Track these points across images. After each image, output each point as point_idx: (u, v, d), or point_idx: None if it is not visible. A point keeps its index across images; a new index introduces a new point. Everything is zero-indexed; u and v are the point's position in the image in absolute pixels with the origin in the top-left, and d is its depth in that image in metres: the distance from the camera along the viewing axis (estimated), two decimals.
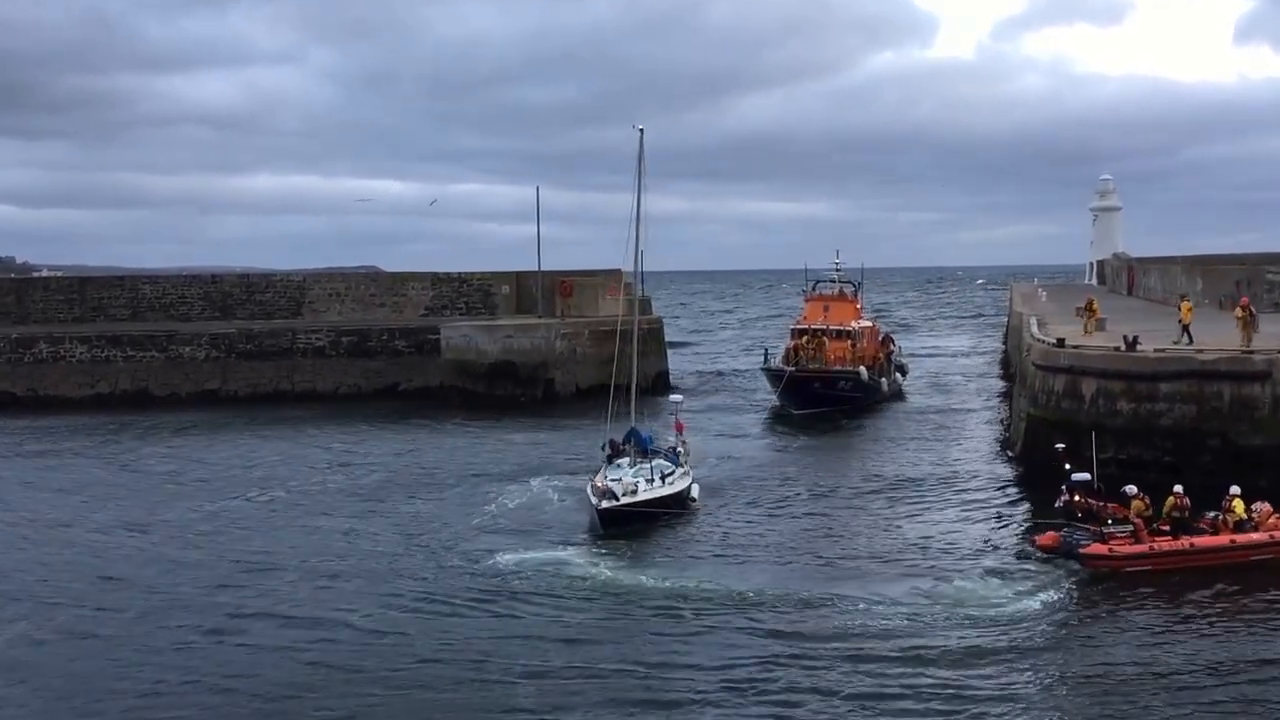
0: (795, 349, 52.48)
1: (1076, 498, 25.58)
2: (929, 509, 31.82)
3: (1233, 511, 25.46)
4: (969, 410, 52.93)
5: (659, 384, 61.57)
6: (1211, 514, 25.54)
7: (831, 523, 30.31)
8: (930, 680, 18.78)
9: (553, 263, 68.01)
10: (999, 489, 34.40)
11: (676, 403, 35.22)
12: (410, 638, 21.50)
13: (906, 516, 30.91)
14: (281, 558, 27.51)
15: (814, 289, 59.13)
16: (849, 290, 58.45)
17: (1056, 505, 25.99)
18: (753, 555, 26.95)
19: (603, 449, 33.21)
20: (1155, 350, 33.13)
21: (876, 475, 36.73)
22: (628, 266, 36.64)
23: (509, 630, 21.77)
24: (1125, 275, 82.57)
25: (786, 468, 38.65)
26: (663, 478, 30.80)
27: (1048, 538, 25.76)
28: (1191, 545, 24.85)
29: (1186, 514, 25.46)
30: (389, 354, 60.86)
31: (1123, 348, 33.54)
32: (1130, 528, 25.07)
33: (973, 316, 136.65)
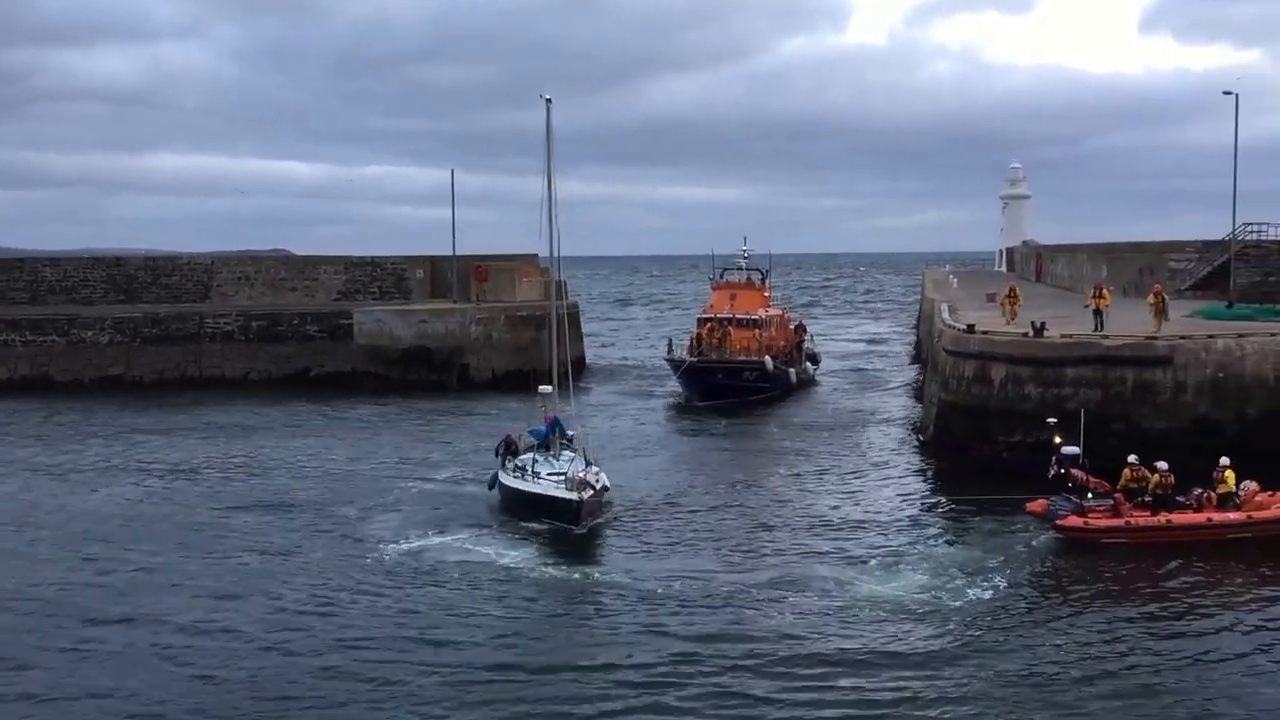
0: (700, 338, 51.86)
1: (1065, 470, 26.32)
2: (840, 496, 31.79)
3: (1225, 483, 26.01)
4: (881, 397, 53.39)
5: (576, 370, 61.26)
6: (1198, 490, 26.06)
7: (737, 515, 29.67)
8: (848, 675, 18.37)
9: (468, 247, 67.17)
10: (910, 474, 34.77)
11: (546, 395, 32.77)
12: (311, 630, 20.93)
13: (815, 505, 30.69)
14: (177, 551, 26.54)
15: (721, 277, 58.70)
16: (756, 278, 58.07)
17: (1049, 476, 26.61)
18: (663, 549, 26.20)
19: (497, 451, 31.18)
20: (1062, 336, 33.76)
21: (785, 465, 36.44)
22: (544, 251, 35.48)
23: (413, 621, 21.29)
24: (1034, 262, 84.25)
25: (690, 460, 38.02)
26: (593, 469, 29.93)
27: (1036, 505, 26.51)
28: (1168, 521, 25.38)
29: (1169, 491, 26.00)
30: (300, 339, 59.74)
31: (1031, 334, 34.14)
32: (1110, 501, 25.75)
33: (886, 303, 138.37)
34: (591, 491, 27.24)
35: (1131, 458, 26.65)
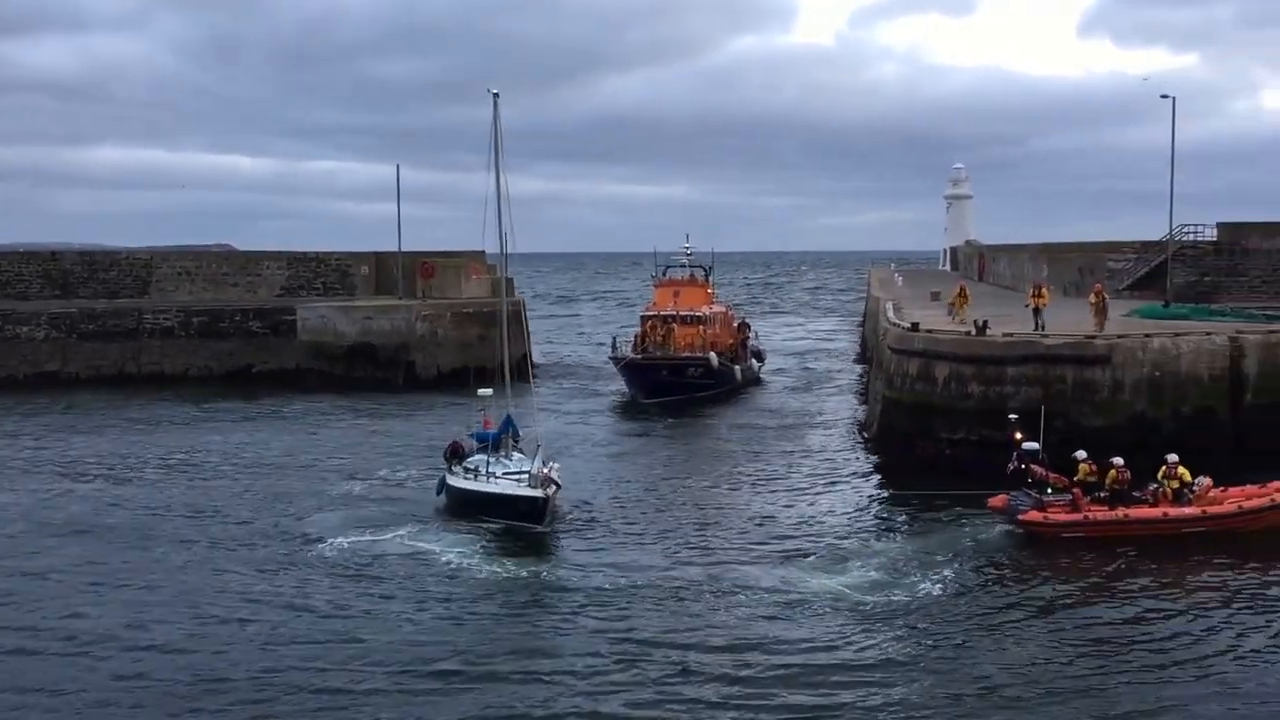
0: (644, 336, 51.71)
1: (1025, 465, 26.71)
2: (787, 494, 31.88)
3: (1177, 478, 26.43)
4: (826, 394, 53.70)
5: (522, 366, 60.99)
6: (1153, 486, 26.51)
7: (685, 513, 29.47)
8: (797, 674, 18.30)
9: (414, 243, 66.92)
10: (856, 471, 34.99)
11: (485, 398, 31.68)
12: (244, 633, 20.53)
13: (763, 503, 30.73)
14: (104, 552, 25.98)
15: (664, 274, 58.52)
16: (700, 275, 57.97)
17: (1008, 471, 26.95)
18: (609, 548, 25.92)
19: (445, 456, 30.57)
20: (1004, 335, 34.17)
21: (732, 462, 36.48)
22: (491, 247, 35.05)
23: (352, 622, 20.93)
24: (977, 262, 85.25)
25: (637, 458, 37.85)
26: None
27: (997, 500, 26.89)
28: (1125, 516, 25.81)
29: (1126, 487, 26.42)
30: (242, 335, 59.01)
31: (973, 332, 34.53)
32: (1069, 496, 26.16)
33: (832, 301, 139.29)
34: (556, 488, 27.06)
35: (1080, 453, 27.08)
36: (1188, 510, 25.94)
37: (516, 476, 27.69)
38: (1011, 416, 28.42)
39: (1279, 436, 31.20)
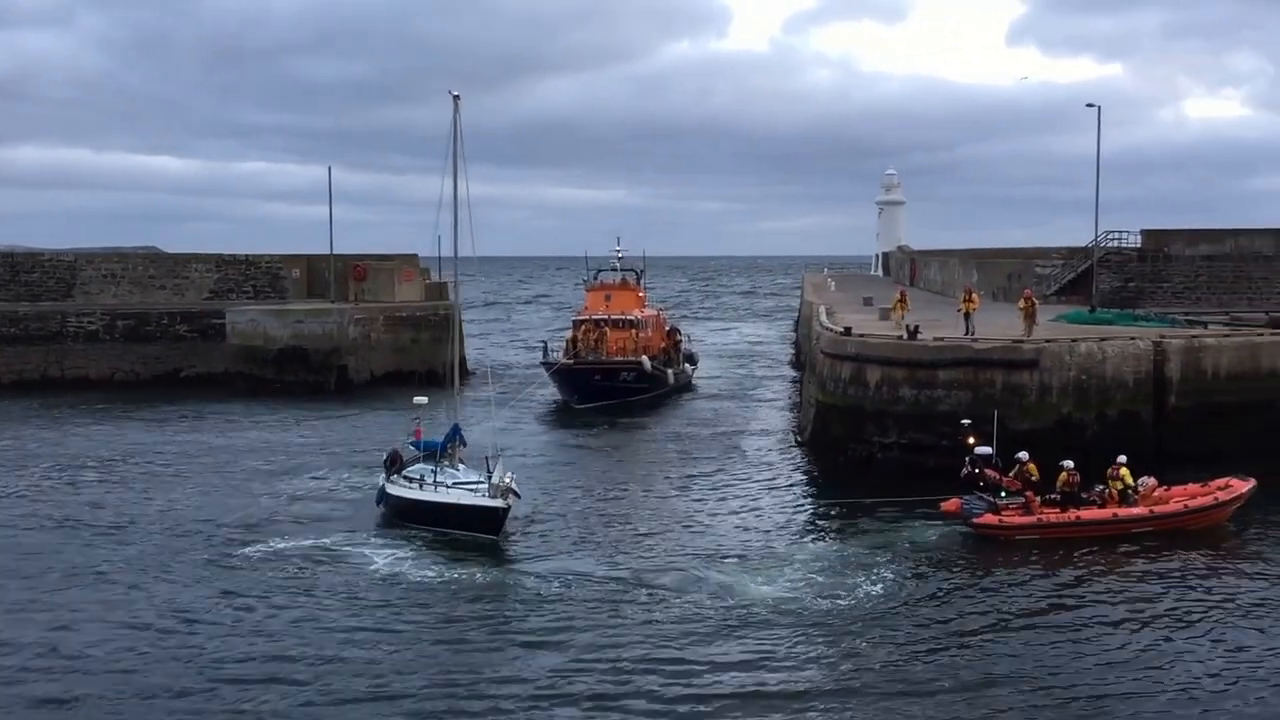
0: (576, 340, 51.40)
1: (978, 469, 27.15)
2: (723, 499, 31.82)
3: (1120, 479, 27.07)
4: (760, 398, 53.94)
5: (459, 372, 60.65)
6: (1100, 488, 27.15)
7: (620, 519, 29.20)
8: (737, 681, 18.27)
9: (346, 246, 66.16)
10: (791, 475, 35.16)
11: (420, 405, 31.24)
12: (168, 648, 19.95)
13: (699, 508, 30.60)
14: (19, 564, 25.17)
15: (595, 278, 58.25)
16: (631, 278, 57.82)
17: (962, 475, 27.38)
18: (544, 555, 25.58)
19: (385, 462, 30.04)
20: (935, 339, 34.59)
21: (667, 467, 36.38)
22: (425, 251, 34.63)
23: (282, 634, 20.52)
24: (909, 267, 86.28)
25: (571, 464, 37.56)
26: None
27: (951, 504, 27.22)
28: (1077, 518, 26.43)
29: (1077, 489, 27.04)
30: (169, 338, 57.90)
31: (905, 336, 34.91)
32: (1022, 499, 26.64)
33: (767, 306, 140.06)
34: (516, 498, 26.63)
35: (1021, 454, 27.57)
36: (1136, 511, 26.63)
37: (470, 486, 27.20)
38: (965, 422, 28.78)
39: (1200, 439, 32.01)
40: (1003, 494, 26.83)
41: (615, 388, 48.61)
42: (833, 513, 29.27)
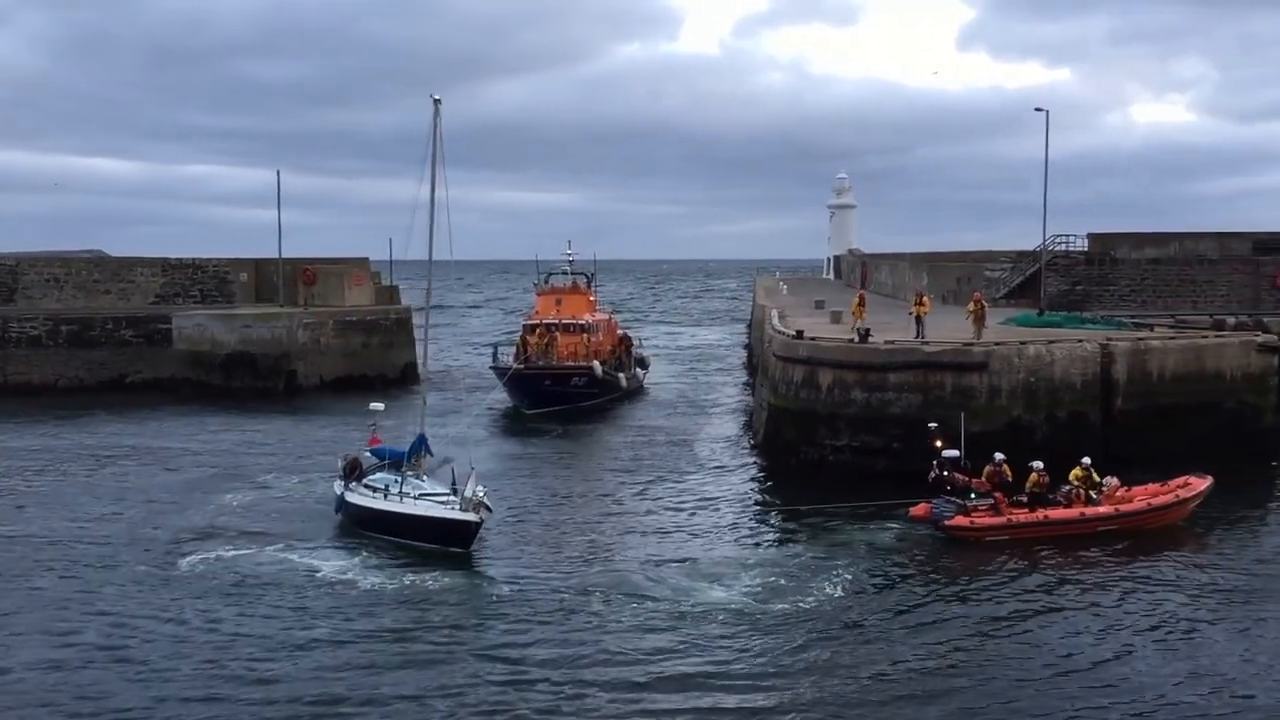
0: (526, 344, 50.78)
1: (946, 472, 27.32)
2: (677, 504, 31.54)
3: (1086, 479, 27.56)
4: (713, 402, 53.87)
5: (408, 375, 60.29)
6: (1066, 488, 27.53)
7: (574, 526, 29.02)
8: (694, 689, 18.14)
9: (295, 249, 65.12)
10: (743, 479, 35.14)
11: (377, 412, 30.61)
12: (116, 652, 19.69)
13: (653, 513, 30.35)
14: None
15: (546, 282, 57.75)
16: (582, 282, 57.41)
17: (930, 479, 27.51)
18: (497, 562, 25.27)
19: (344, 470, 29.47)
20: (886, 342, 34.78)
21: (620, 473, 36.05)
22: (375, 255, 34.14)
23: (227, 646, 20.09)
24: (860, 270, 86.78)
25: (522, 471, 36.82)
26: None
27: (920, 509, 27.34)
28: (1045, 517, 26.80)
29: (1045, 490, 27.41)
30: (115, 344, 56.96)
31: (856, 340, 35.06)
32: (991, 500, 26.89)
33: (719, 309, 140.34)
34: (489, 512, 26.08)
35: (997, 455, 27.86)
36: (1102, 510, 27.13)
37: (439, 498, 26.64)
38: (932, 425, 28.90)
39: (1146, 440, 32.43)
40: (972, 495, 27.07)
41: (566, 393, 48.10)
42: (790, 517, 29.20)
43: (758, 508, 31.14)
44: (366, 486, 28.26)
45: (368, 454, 30.20)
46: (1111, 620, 21.27)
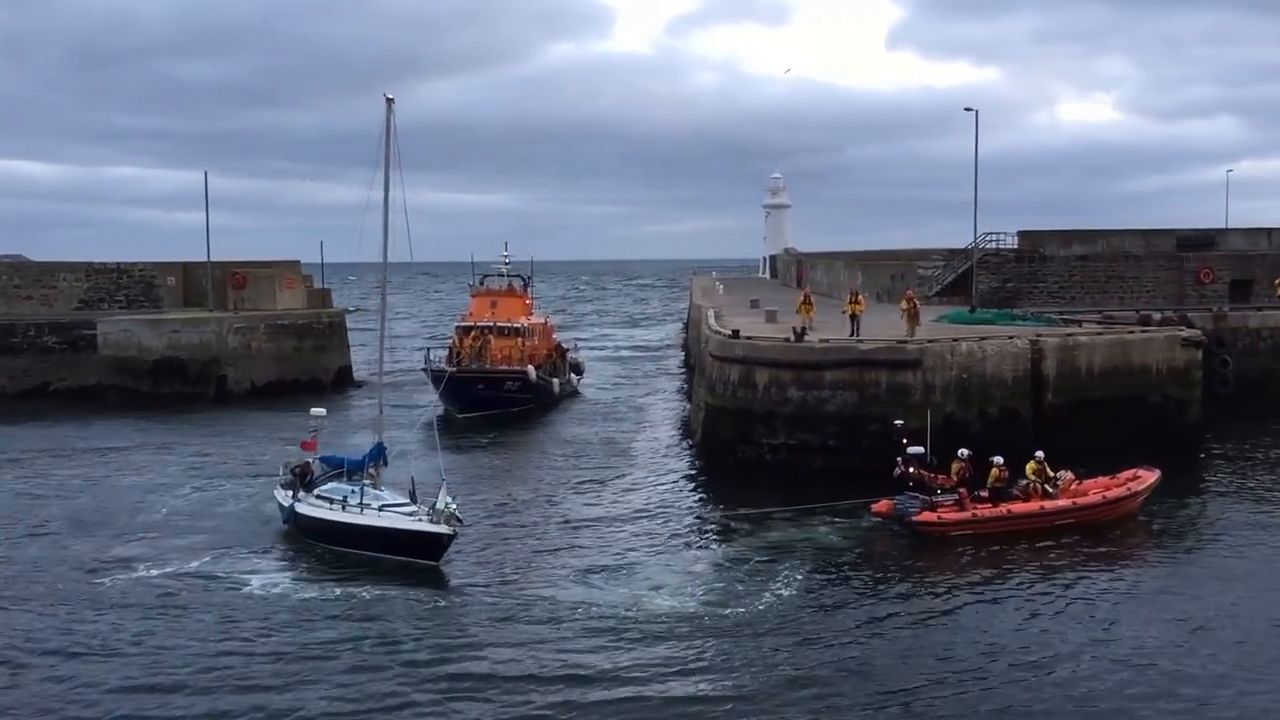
0: (459, 347, 50.21)
1: (911, 469, 27.54)
2: (614, 509, 31.14)
3: (1042, 473, 28.16)
4: (650, 404, 53.70)
5: (342, 379, 59.54)
6: (1023, 482, 28.01)
7: (511, 533, 28.43)
8: (642, 699, 17.78)
9: (224, 253, 64.00)
10: (681, 480, 35.03)
11: (319, 418, 29.40)
12: (34, 673, 19.05)
13: (591, 520, 29.74)
14: None
15: (481, 283, 57.13)
16: (518, 285, 56.81)
17: (894, 475, 27.73)
18: (431, 570, 24.57)
19: (292, 473, 28.62)
20: (821, 341, 34.93)
21: (558, 478, 35.54)
22: (307, 257, 33.44)
23: (156, 659, 19.59)
24: (795, 270, 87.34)
25: (457, 476, 34.17)
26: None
27: (881, 505, 27.61)
28: (1009, 512, 27.34)
29: (1005, 484, 27.89)
30: (36, 351, 55.40)
31: (792, 339, 35.17)
32: (955, 496, 27.21)
33: (656, 310, 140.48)
34: (460, 524, 25.32)
35: (962, 451, 28.23)
36: (1061, 503, 27.78)
37: (403, 510, 25.85)
38: (897, 423, 29.09)
39: (1076, 434, 32.87)
40: (938, 491, 27.37)
41: (500, 397, 47.49)
42: (734, 519, 28.81)
43: (699, 510, 30.99)
44: (320, 497, 27.23)
45: (318, 461, 29.10)
46: (1072, 616, 21.52)
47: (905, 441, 28.01)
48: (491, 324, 51.38)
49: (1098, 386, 35.05)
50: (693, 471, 35.94)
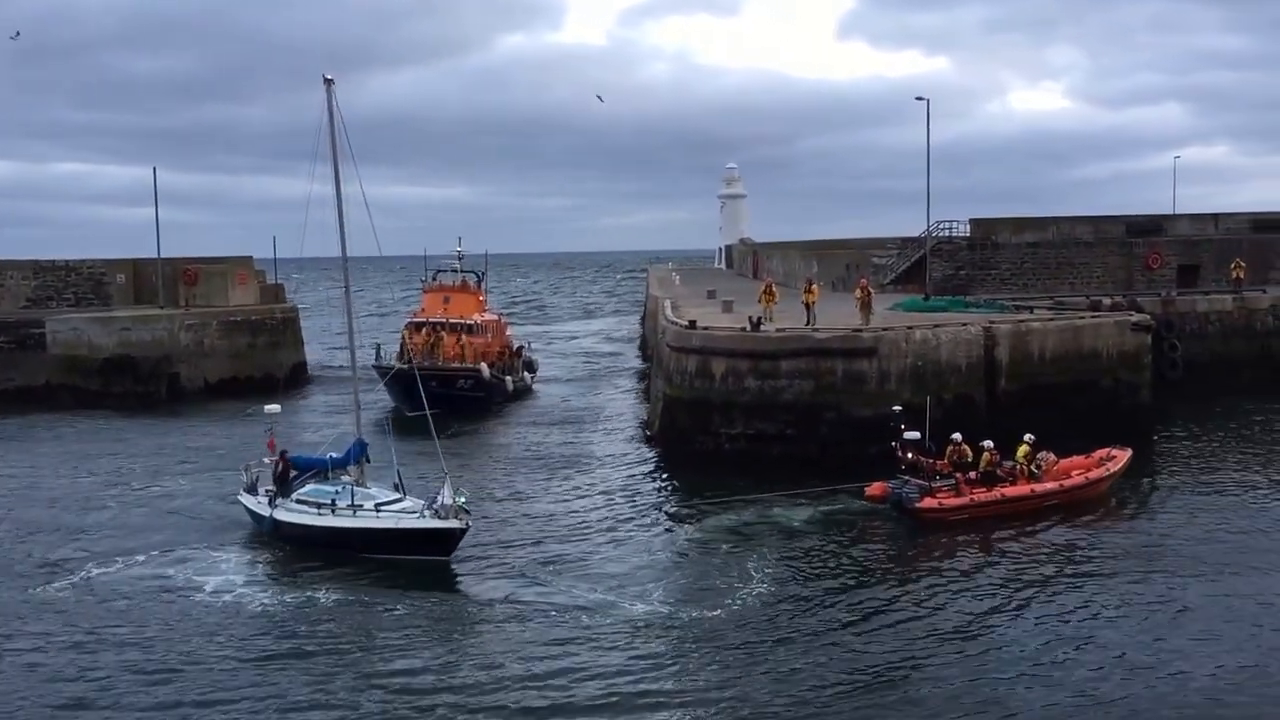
0: (411, 344, 49.11)
1: (910, 455, 27.92)
2: (572, 506, 30.72)
3: (1031, 456, 28.78)
4: (608, 397, 53.51)
5: (296, 376, 59.03)
6: (1009, 463, 28.63)
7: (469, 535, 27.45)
8: (609, 707, 17.36)
9: (174, 249, 63.25)
10: (638, 471, 35.00)
11: (273, 414, 28.97)
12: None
13: (550, 516, 29.32)
14: None
15: (434, 279, 56.13)
16: (471, 280, 55.99)
17: (898, 460, 28.10)
18: (386, 576, 23.87)
19: (277, 463, 27.78)
20: (777, 330, 35.07)
21: (514, 476, 34.85)
22: (260, 253, 33.00)
23: (108, 664, 19.36)
24: (751, 260, 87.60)
25: (410, 477, 32.53)
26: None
27: (876, 488, 28.05)
28: (1003, 495, 27.95)
29: (998, 469, 28.38)
30: None
31: (748, 328, 35.28)
32: (953, 482, 27.67)
33: (613, 301, 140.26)
34: (468, 517, 24.77)
35: (955, 436, 28.63)
36: (1049, 485, 28.53)
37: (401, 507, 25.34)
38: (895, 409, 29.37)
39: (1029, 418, 33.10)
40: (937, 477, 27.72)
41: (451, 395, 46.11)
42: (698, 511, 28.65)
43: (658, 501, 30.86)
44: (303, 502, 26.42)
45: (273, 460, 28.23)
46: (1046, 603, 21.73)
47: (903, 427, 28.38)
48: (444, 320, 50.63)
49: (1050, 372, 35.49)
50: (650, 463, 35.90)
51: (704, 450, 33.74)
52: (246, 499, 27.99)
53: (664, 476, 33.71)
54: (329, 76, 27.67)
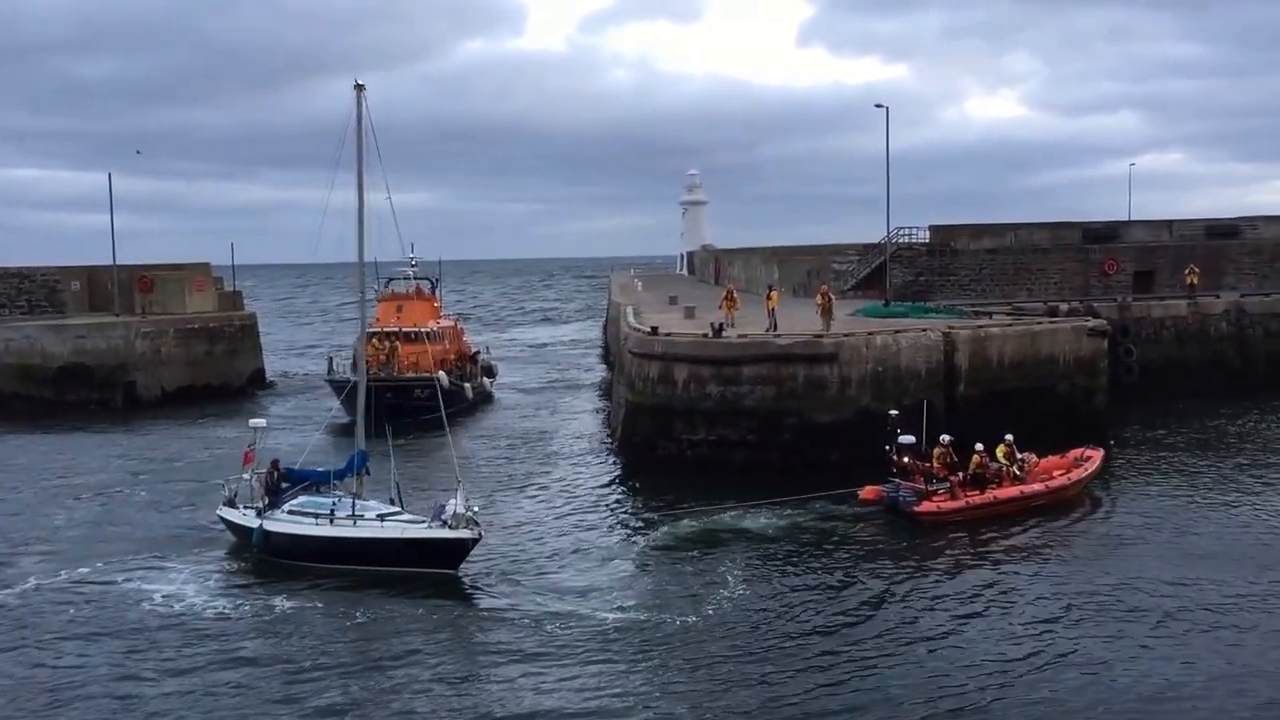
0: (368, 354, 48.71)
1: (905, 459, 28.09)
2: (538, 511, 30.68)
3: (1009, 455, 29.37)
4: (568, 404, 53.26)
5: (255, 383, 58.55)
6: (995, 465, 29.02)
7: None
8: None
9: (130, 255, 62.38)
10: (600, 478, 34.83)
11: (258, 429, 28.44)
12: None
13: (516, 524, 28.95)
14: None
15: (386, 287, 55.07)
16: (426, 287, 55.28)
17: (891, 463, 28.33)
18: (347, 584, 23.62)
19: (269, 473, 27.10)
20: (739, 336, 35.15)
21: (475, 485, 32.56)
22: (218, 259, 32.59)
23: (66, 676, 19.10)
24: (713, 266, 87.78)
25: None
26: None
27: (869, 491, 28.26)
28: (994, 497, 28.35)
29: (988, 471, 28.71)
30: None
31: (710, 334, 35.33)
32: (948, 485, 27.94)
33: (575, 307, 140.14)
34: (478, 527, 24.22)
35: (944, 438, 28.89)
36: (1036, 486, 29.05)
37: (403, 518, 24.85)
38: (892, 412, 29.62)
39: (988, 423, 33.38)
40: (933, 480, 27.98)
41: (408, 406, 44.79)
42: (661, 519, 28.47)
43: (620, 508, 30.67)
44: (296, 512, 25.81)
45: (259, 474, 27.30)
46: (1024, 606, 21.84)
47: (898, 430, 28.55)
48: (398, 329, 49.73)
49: (1008, 377, 35.82)
50: (613, 470, 35.79)
51: (666, 456, 33.75)
52: (227, 512, 27.04)
53: (627, 483, 33.57)
54: (360, 82, 27.20)
